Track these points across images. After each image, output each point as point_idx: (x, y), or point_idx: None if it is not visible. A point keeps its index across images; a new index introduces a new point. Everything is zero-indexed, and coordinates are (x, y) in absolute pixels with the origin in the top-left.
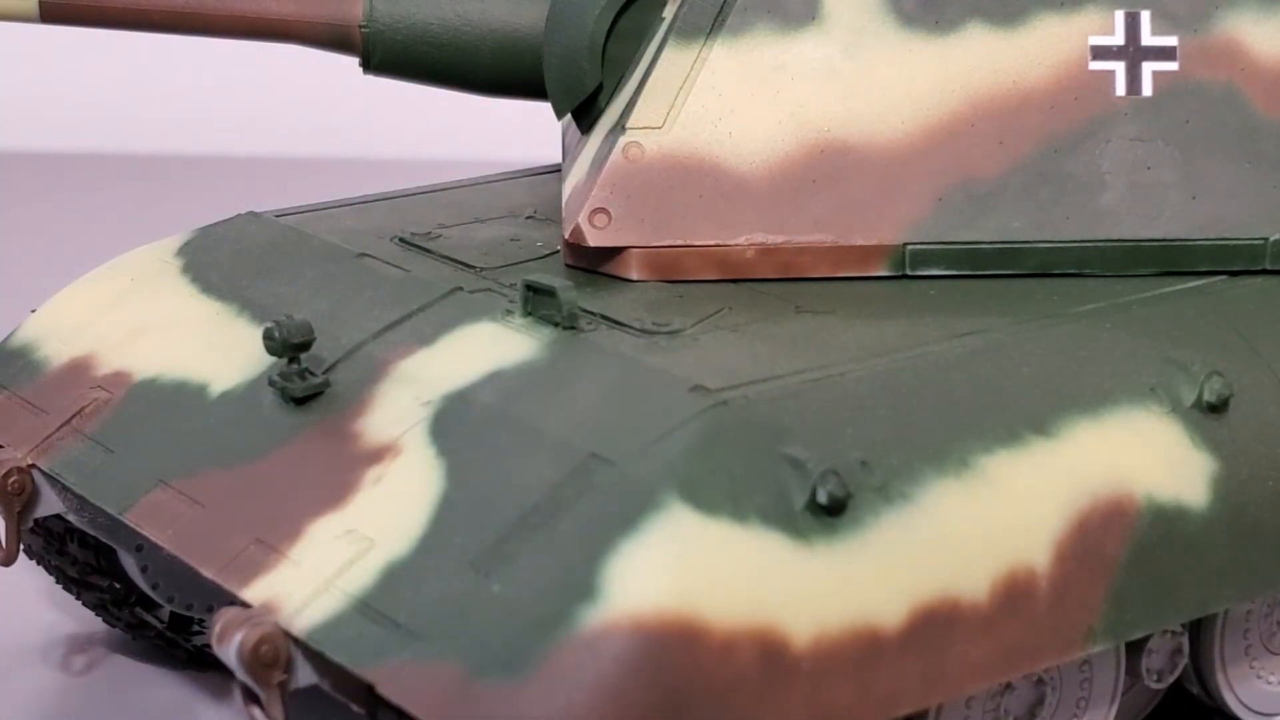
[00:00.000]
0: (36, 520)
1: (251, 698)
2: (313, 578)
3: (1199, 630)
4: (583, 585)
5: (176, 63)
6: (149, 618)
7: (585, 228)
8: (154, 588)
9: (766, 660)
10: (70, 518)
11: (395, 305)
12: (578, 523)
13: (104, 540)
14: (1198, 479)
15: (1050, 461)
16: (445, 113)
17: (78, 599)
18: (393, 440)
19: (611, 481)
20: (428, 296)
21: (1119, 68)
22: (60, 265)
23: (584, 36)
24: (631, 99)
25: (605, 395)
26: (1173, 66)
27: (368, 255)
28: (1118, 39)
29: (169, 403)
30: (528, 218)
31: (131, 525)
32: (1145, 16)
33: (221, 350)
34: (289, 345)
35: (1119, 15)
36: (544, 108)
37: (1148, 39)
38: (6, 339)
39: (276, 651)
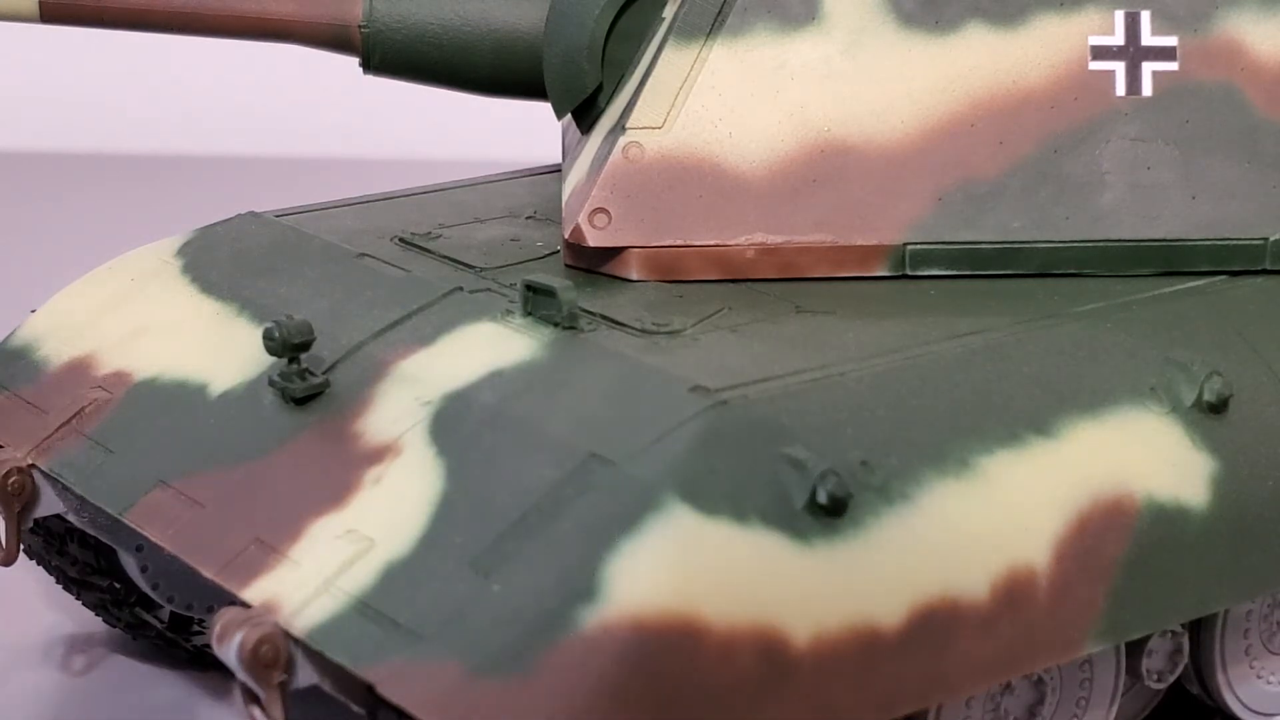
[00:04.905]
0: (36, 520)
1: (251, 698)
2: (313, 578)
3: (1199, 630)
4: (582, 585)
5: (176, 63)
6: (149, 618)
7: (585, 228)
8: (154, 588)
9: (766, 660)
10: (70, 518)
11: (395, 305)
12: (578, 523)
13: (104, 540)
14: (1198, 479)
15: (1050, 461)
16: (445, 113)
17: (78, 599)
18: (393, 440)
19: (611, 481)
20: (428, 296)
21: (1119, 68)
22: (60, 265)
23: (584, 36)
24: (631, 99)
25: (605, 395)
26: (1173, 66)
27: (368, 255)
28: (1118, 39)
29: (169, 403)
30: (528, 218)
31: (131, 525)
32: (1145, 16)
33: (221, 350)
34: (289, 345)
35: (1119, 15)
36: (544, 108)
37: (1148, 39)
38: (6, 339)
39: (276, 651)
